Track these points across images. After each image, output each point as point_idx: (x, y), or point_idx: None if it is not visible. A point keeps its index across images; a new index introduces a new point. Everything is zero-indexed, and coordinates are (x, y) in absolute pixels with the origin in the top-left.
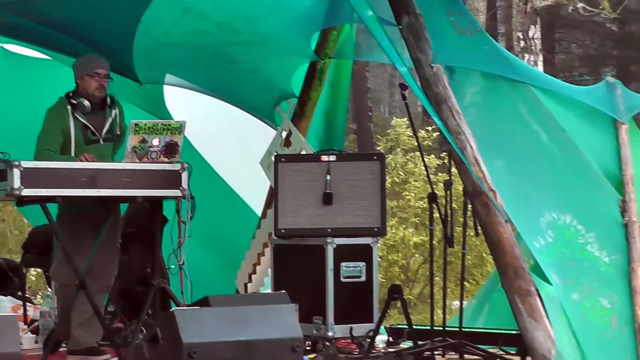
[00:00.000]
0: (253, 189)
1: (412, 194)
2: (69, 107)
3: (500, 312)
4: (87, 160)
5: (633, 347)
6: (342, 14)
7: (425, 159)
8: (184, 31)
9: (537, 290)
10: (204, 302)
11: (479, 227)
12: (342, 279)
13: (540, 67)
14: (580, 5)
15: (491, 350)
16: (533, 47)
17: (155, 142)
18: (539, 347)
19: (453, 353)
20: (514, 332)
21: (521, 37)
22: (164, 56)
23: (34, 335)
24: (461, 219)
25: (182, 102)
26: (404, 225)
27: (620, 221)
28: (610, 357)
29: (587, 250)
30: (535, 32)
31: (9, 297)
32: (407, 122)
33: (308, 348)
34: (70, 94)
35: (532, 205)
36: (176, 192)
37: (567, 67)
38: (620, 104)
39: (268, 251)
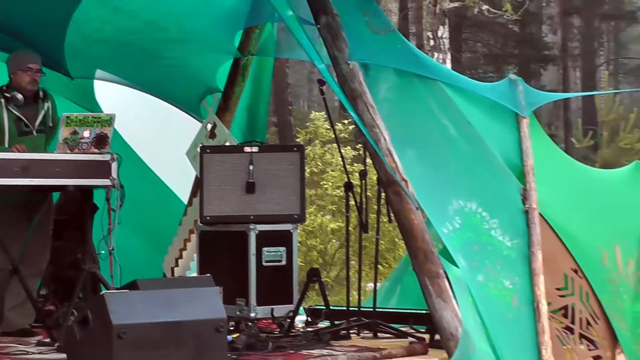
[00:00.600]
0: (180, 179)
1: (330, 183)
2: (2, 101)
3: (411, 293)
4: (20, 151)
5: (532, 324)
6: (263, 13)
7: (342, 150)
8: (114, 29)
9: (445, 272)
10: (132, 286)
11: (391, 214)
12: (264, 263)
13: (448, 65)
14: (485, 7)
15: (403, 329)
16: (442, 46)
17: (86, 134)
18: (447, 325)
19: (367, 332)
20: (424, 311)
21: (431, 36)
22: (94, 52)
23: None
24: (375, 207)
25: (112, 96)
26: (322, 213)
27: (522, 208)
28: (511, 334)
29: (491, 235)
30: (443, 32)
31: None
32: (325, 116)
33: (231, 328)
34: (4, 88)
35: (441, 194)
36: (106, 182)
37: (473, 65)
38: (521, 99)
39: (194, 237)
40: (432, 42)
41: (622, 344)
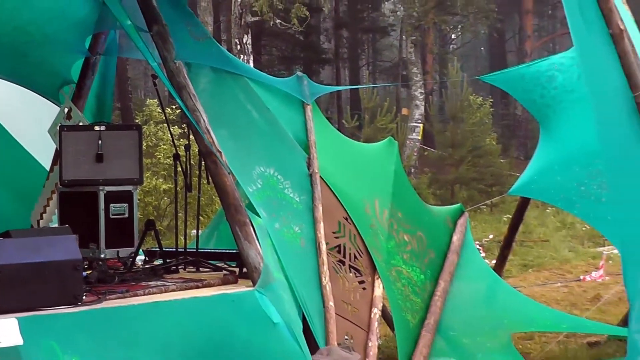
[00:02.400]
0: (44, 151)
1: (162, 154)
2: None
3: (225, 237)
4: None
5: (315, 259)
6: (108, 22)
7: (171, 129)
8: None
9: (250, 221)
10: (6, 234)
11: (209, 178)
12: (111, 216)
13: (251, 64)
14: (278, 21)
15: (219, 264)
16: (246, 50)
17: None
18: (252, 261)
19: (192, 267)
20: (235, 251)
21: (237, 42)
22: None
23: None
24: (197, 172)
25: None
26: (156, 177)
27: (307, 172)
28: (299, 266)
29: (285, 193)
30: (247, 39)
31: None
32: (157, 102)
33: (86, 266)
34: None
35: (247, 162)
36: None
37: (270, 65)
38: (306, 91)
39: (55, 196)
40: (238, 47)
41: (379, 272)
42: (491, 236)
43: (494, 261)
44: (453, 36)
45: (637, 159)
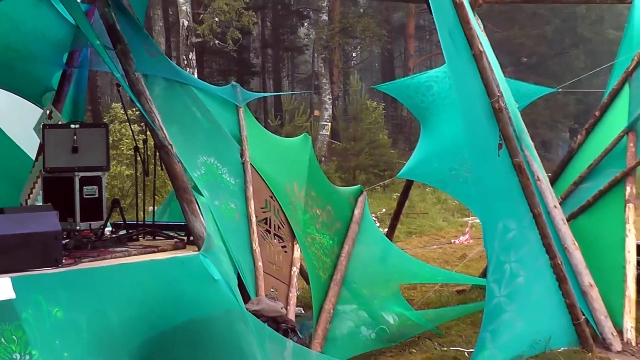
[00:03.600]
0: (30, 144)
1: (124, 147)
2: None
3: (175, 212)
4: None
5: (247, 229)
6: (81, 41)
7: (132, 127)
8: None
9: (196, 199)
10: (0, 211)
11: (163, 165)
12: (84, 196)
13: (195, 76)
14: (216, 41)
15: (171, 234)
16: (191, 64)
17: None
18: (197, 231)
19: (150, 237)
20: (183, 223)
21: (184, 58)
22: None
23: None
24: (153, 161)
25: None
26: (120, 165)
27: (240, 161)
28: (235, 235)
29: (223, 177)
30: (192, 56)
31: None
32: (121, 106)
33: (65, 236)
34: None
35: (193, 153)
36: None
37: (210, 76)
38: (239, 96)
39: (40, 180)
40: (185, 62)
41: (297, 238)
42: (384, 210)
43: (386, 229)
44: (354, 54)
45: (493, 150)
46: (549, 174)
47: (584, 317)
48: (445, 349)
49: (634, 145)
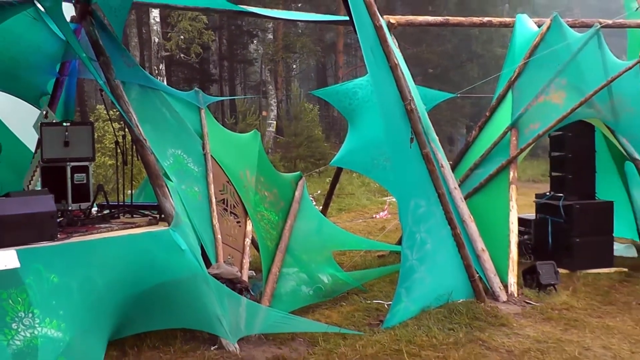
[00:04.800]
0: (31, 139)
1: (107, 141)
2: None
3: (149, 195)
4: None
5: (208, 208)
6: (71, 54)
7: (113, 125)
8: None
9: (166, 184)
10: (7, 195)
11: (139, 156)
12: (75, 182)
13: (165, 83)
14: (182, 55)
15: (146, 212)
16: (162, 73)
17: None
18: (167, 210)
19: (129, 215)
20: (156, 204)
21: (155, 68)
22: None
23: None
24: (131, 152)
25: None
26: (104, 156)
27: (202, 152)
28: (198, 213)
29: (188, 166)
30: (162, 66)
31: None
32: (104, 107)
33: (59, 215)
34: None
35: (162, 146)
36: None
37: (177, 84)
38: (201, 100)
39: (39, 169)
40: (156, 71)
41: (249, 215)
42: (319, 192)
43: (321, 207)
44: (294, 66)
45: (406, 143)
46: (450, 162)
47: (477, 275)
48: (369, 301)
49: (516, 139)
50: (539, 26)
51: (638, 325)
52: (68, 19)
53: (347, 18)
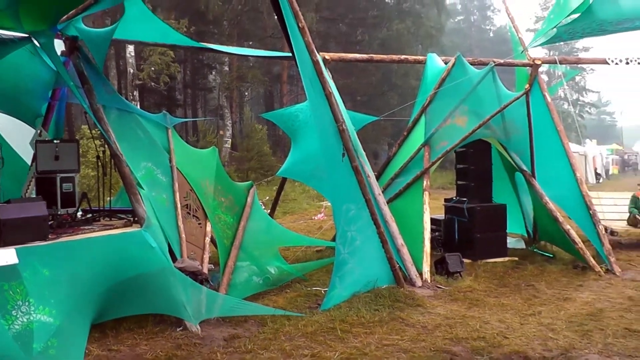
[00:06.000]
0: (27, 154)
1: (90, 155)
2: None
3: (125, 201)
4: None
5: (174, 212)
6: (61, 82)
7: (95, 142)
8: None
9: (139, 192)
10: (8, 201)
11: (116, 168)
12: (63, 190)
13: (138, 107)
14: (153, 83)
15: (122, 216)
16: (136, 99)
17: None
18: (141, 214)
19: (108, 218)
20: (131, 209)
21: (131, 95)
22: None
23: None
24: (109, 165)
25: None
26: (87, 168)
27: (169, 165)
28: (166, 216)
29: (157, 176)
30: (136, 93)
31: None
32: (88, 127)
33: (50, 218)
34: None
35: (136, 159)
36: None
37: (149, 107)
38: (168, 121)
39: (34, 180)
40: (131, 97)
41: (209, 218)
42: (267, 198)
43: (269, 211)
44: (246, 93)
45: (339, 157)
46: (375, 173)
47: (398, 265)
48: (309, 288)
49: (428, 154)
50: (446, 63)
51: (526, 303)
52: (59, 53)
53: (291, 54)
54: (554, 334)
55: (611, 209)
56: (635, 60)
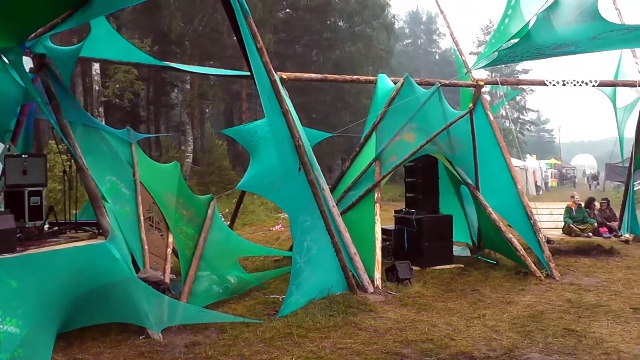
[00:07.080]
0: None
1: (57, 170)
2: None
3: (90, 214)
4: None
5: (137, 224)
6: (29, 98)
7: (62, 157)
8: None
9: (103, 205)
10: None
11: (82, 182)
12: (31, 204)
13: (103, 122)
14: (117, 100)
15: (87, 228)
16: (101, 115)
17: None
18: (104, 226)
19: (74, 230)
20: (95, 221)
21: (96, 111)
22: None
23: None
24: (76, 179)
25: None
26: (54, 182)
27: (132, 179)
28: (129, 228)
29: (121, 190)
30: (101, 109)
31: None
32: (55, 142)
33: (18, 231)
34: None
35: (101, 174)
36: None
37: (113, 123)
38: (132, 136)
39: (2, 193)
40: (96, 113)
41: (171, 229)
42: (227, 210)
43: (229, 222)
44: (207, 110)
45: (295, 171)
46: (330, 186)
47: (351, 273)
48: (267, 296)
49: (379, 169)
50: (395, 83)
51: (472, 306)
52: (27, 70)
53: (249, 73)
54: (498, 335)
55: (547, 218)
56: (572, 82)
